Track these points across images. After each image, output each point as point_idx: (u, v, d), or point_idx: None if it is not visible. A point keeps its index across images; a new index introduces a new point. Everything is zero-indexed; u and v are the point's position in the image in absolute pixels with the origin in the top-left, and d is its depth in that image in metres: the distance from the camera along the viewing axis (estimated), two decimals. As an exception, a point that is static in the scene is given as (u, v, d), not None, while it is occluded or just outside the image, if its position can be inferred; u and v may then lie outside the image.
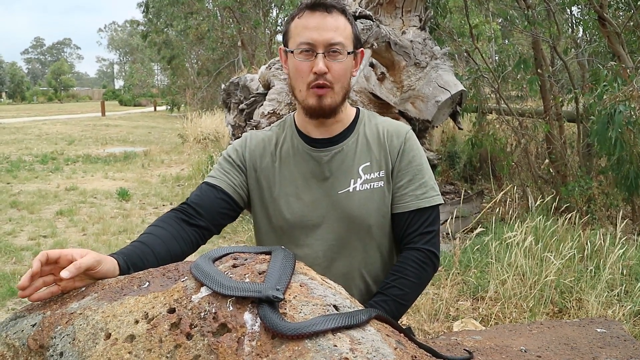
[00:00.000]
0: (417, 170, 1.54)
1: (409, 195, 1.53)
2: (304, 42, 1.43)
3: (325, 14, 1.43)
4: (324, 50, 1.42)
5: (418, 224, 1.52)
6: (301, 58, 1.44)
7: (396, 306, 1.48)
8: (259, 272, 1.06)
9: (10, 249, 5.67)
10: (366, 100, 5.35)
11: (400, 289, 1.49)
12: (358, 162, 1.54)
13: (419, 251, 1.51)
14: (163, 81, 39.68)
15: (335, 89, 1.46)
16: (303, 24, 1.45)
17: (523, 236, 4.43)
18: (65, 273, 1.08)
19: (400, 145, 1.55)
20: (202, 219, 1.48)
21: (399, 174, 1.54)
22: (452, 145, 9.55)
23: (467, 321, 3.61)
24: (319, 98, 1.45)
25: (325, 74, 1.43)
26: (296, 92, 1.51)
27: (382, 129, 1.58)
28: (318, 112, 1.49)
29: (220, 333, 0.95)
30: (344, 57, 1.45)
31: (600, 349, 1.41)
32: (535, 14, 6.94)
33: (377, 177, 1.53)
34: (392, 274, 1.52)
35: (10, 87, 63.02)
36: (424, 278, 1.53)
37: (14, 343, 1.09)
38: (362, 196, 1.52)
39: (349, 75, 1.50)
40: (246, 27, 18.13)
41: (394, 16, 5.76)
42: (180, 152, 14.06)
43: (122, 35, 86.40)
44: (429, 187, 1.54)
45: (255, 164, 1.59)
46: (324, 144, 1.56)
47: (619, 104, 4.67)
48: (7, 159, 12.53)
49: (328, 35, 1.42)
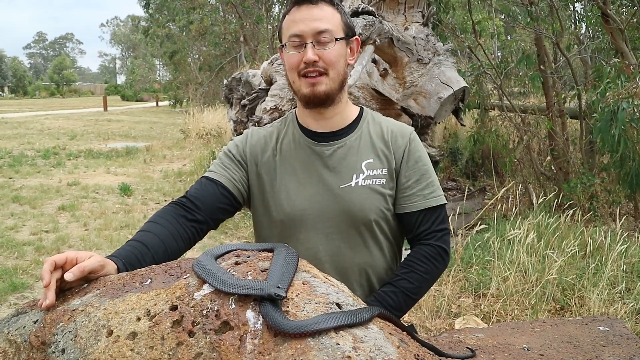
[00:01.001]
0: (424, 170, 1.57)
1: (417, 195, 1.55)
2: (292, 34, 1.47)
3: (310, 7, 1.47)
4: (312, 40, 1.45)
5: (430, 222, 1.55)
6: (292, 51, 1.48)
7: (404, 298, 1.51)
8: (262, 269, 1.06)
9: (12, 244, 5.68)
10: (368, 96, 5.33)
11: (410, 282, 1.51)
12: (361, 158, 1.55)
13: (430, 247, 1.54)
14: (165, 76, 39.68)
15: (330, 74, 1.48)
16: (291, 19, 1.49)
17: (525, 233, 4.43)
18: (69, 275, 1.09)
19: (405, 145, 1.57)
20: (200, 213, 1.49)
21: (406, 174, 1.56)
22: (455, 141, 9.55)
23: (469, 318, 3.61)
24: (313, 86, 1.47)
25: (316, 62, 1.45)
26: (292, 85, 1.53)
27: (386, 128, 1.60)
28: (314, 100, 1.50)
29: (222, 331, 0.95)
30: (332, 43, 1.47)
31: (603, 347, 1.41)
32: (538, 10, 6.92)
33: (380, 174, 1.54)
34: (403, 267, 1.54)
35: (13, 81, 63.18)
36: (434, 273, 1.56)
37: (16, 339, 1.09)
38: (363, 191, 1.52)
39: (344, 62, 1.52)
40: (248, 22, 18.10)
41: (397, 12, 5.75)
42: (182, 147, 14.07)
43: (124, 30, 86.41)
44: (435, 186, 1.58)
45: (256, 158, 1.59)
46: (326, 137, 1.57)
47: (622, 101, 4.66)
48: (10, 153, 12.54)
49: (314, 24, 1.45)
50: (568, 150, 6.91)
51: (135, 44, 52.91)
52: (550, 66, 7.42)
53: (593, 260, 4.32)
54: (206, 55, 23.16)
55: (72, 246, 5.71)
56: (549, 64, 7.43)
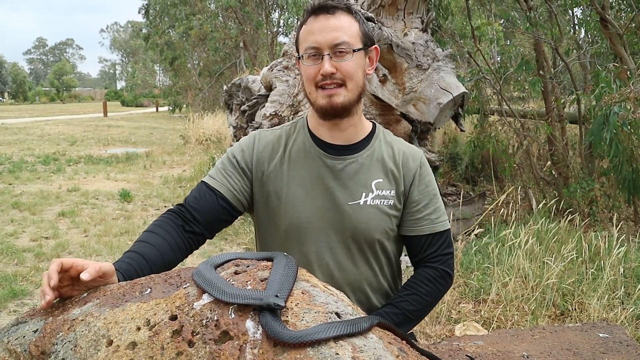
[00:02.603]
0: (432, 195, 1.59)
1: (425, 219, 1.57)
2: (310, 46, 1.45)
3: (327, 16, 1.45)
4: (330, 52, 1.43)
5: (436, 246, 1.57)
6: (309, 62, 1.46)
7: (405, 320, 1.51)
8: (261, 279, 1.06)
9: (12, 250, 5.67)
10: (368, 102, 5.34)
11: (412, 304, 1.53)
12: (372, 177, 1.54)
13: (434, 270, 1.56)
14: (165, 82, 39.71)
15: (348, 86, 1.46)
16: (308, 30, 1.47)
17: (525, 238, 4.42)
18: (85, 275, 1.10)
19: (416, 169, 1.58)
20: (198, 226, 1.49)
21: (416, 198, 1.57)
22: (454, 146, 9.55)
23: (469, 324, 3.61)
24: (330, 97, 1.46)
25: (333, 74, 1.44)
26: (309, 96, 1.52)
27: (398, 150, 1.60)
28: (330, 112, 1.48)
29: (222, 341, 0.95)
30: (350, 55, 1.45)
31: (603, 354, 1.41)
32: (537, 16, 6.94)
33: (389, 194, 1.54)
34: (406, 289, 1.56)
35: (13, 87, 63.23)
36: (436, 296, 1.58)
37: (16, 349, 1.09)
38: (371, 211, 1.52)
39: (362, 73, 1.50)
40: (248, 28, 18.15)
41: (396, 18, 5.76)
42: (182, 153, 14.07)
43: (124, 36, 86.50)
44: (441, 212, 1.60)
45: (262, 166, 1.57)
46: (339, 151, 1.55)
47: (614, 105, 4.68)
48: (9, 159, 12.54)
49: (331, 36, 1.43)
50: (567, 155, 6.92)
51: (135, 49, 52.98)
52: (549, 71, 7.43)
53: (592, 265, 4.32)
54: (206, 61, 23.20)
55: (72, 252, 5.70)
56: (548, 69, 7.44)
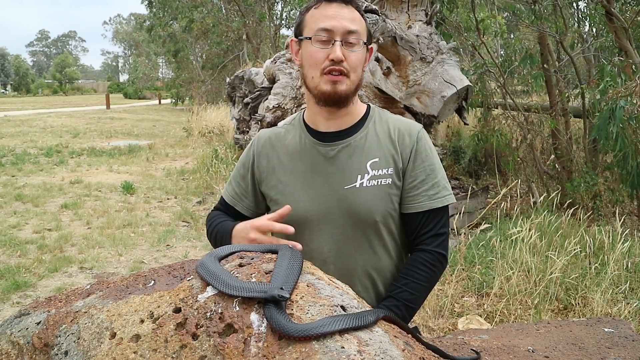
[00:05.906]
0: (430, 170, 1.54)
1: (422, 196, 1.52)
2: (323, 28, 1.43)
3: (342, 5, 1.46)
4: (342, 39, 1.43)
5: (430, 225, 1.53)
6: (318, 45, 1.44)
7: (407, 310, 1.50)
8: (266, 271, 1.05)
9: (15, 242, 5.68)
10: (371, 95, 5.32)
11: (411, 293, 1.50)
12: (366, 158, 1.52)
13: (429, 253, 1.52)
14: (167, 74, 39.65)
15: (351, 77, 1.46)
16: (321, 13, 1.46)
17: (528, 232, 4.41)
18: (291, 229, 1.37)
19: (412, 145, 1.54)
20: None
21: (412, 174, 1.53)
22: (457, 140, 9.53)
23: (472, 317, 3.61)
24: (334, 84, 1.45)
25: (342, 62, 1.43)
26: (308, 80, 1.50)
27: (393, 127, 1.57)
28: (332, 98, 1.47)
29: (226, 333, 0.94)
30: (359, 47, 1.45)
31: (608, 349, 1.40)
32: (542, 9, 6.89)
33: (386, 173, 1.52)
34: (403, 278, 1.52)
35: (15, 79, 63.27)
36: (433, 280, 1.55)
37: (19, 341, 1.08)
38: (368, 192, 1.50)
39: (362, 67, 1.51)
40: (251, 20, 18.09)
41: (400, 10, 5.73)
42: (185, 145, 14.07)
43: (126, 28, 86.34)
44: (441, 186, 1.54)
45: (262, 165, 1.61)
46: (331, 137, 1.55)
47: (620, 99, 4.65)
48: (12, 151, 12.56)
49: (345, 23, 1.43)
50: (571, 149, 6.89)
51: (138, 42, 52.92)
52: (553, 65, 7.39)
53: (596, 259, 4.30)
54: (209, 54, 23.15)
55: (75, 245, 5.71)
56: (552, 62, 7.40)
